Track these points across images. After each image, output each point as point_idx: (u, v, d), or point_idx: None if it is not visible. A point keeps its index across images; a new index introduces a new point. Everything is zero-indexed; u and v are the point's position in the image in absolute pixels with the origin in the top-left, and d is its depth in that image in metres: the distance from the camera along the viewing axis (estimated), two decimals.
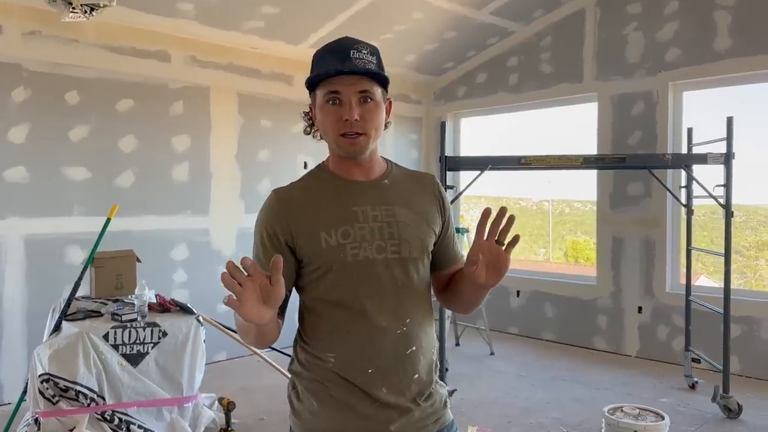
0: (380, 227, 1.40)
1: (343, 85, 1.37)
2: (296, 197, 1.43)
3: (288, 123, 5.68)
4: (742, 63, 4.84)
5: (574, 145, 6.75)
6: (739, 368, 4.83)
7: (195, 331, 3.33)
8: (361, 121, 1.37)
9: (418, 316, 1.43)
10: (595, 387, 4.65)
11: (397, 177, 1.51)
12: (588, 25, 5.76)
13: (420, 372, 1.42)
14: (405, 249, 1.40)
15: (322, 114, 1.41)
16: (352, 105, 1.36)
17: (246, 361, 5.10)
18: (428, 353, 1.46)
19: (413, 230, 1.43)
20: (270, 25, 5.05)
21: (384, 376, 1.37)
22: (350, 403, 1.37)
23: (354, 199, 1.42)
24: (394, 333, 1.39)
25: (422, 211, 1.47)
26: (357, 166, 1.45)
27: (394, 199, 1.45)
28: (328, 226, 1.38)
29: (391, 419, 1.38)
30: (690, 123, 4.95)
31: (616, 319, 5.59)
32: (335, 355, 1.38)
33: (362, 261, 1.37)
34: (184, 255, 5.05)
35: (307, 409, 1.41)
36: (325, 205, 1.41)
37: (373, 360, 1.37)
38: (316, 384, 1.40)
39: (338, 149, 1.42)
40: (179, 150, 5.02)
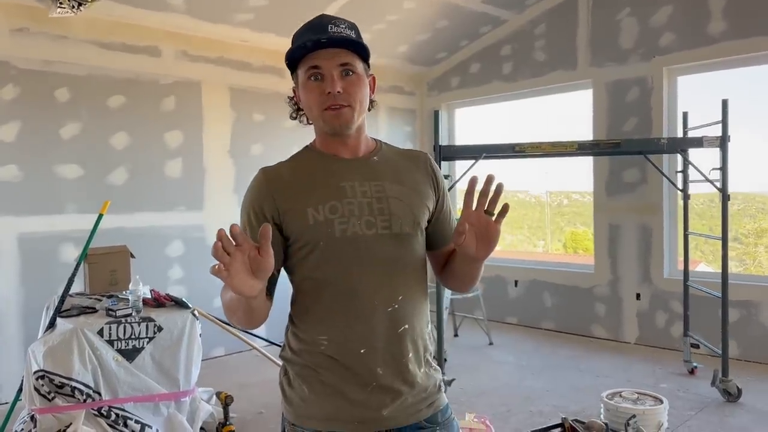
0: (369, 203, 1.37)
1: (323, 59, 1.34)
2: (284, 175, 1.41)
3: (281, 117, 5.64)
4: (736, 46, 4.82)
5: (569, 133, 6.73)
6: (738, 352, 4.82)
7: (191, 326, 3.31)
8: (344, 93, 1.34)
9: (410, 293, 1.40)
10: (594, 374, 4.64)
11: (387, 154, 1.48)
12: (581, 12, 5.72)
13: (414, 352, 1.40)
14: (396, 224, 1.37)
15: (305, 92, 1.39)
16: (334, 78, 1.34)
17: (244, 356, 5.09)
18: (422, 332, 1.43)
19: (405, 206, 1.40)
20: (260, 18, 5.01)
21: (377, 357, 1.35)
22: (342, 389, 1.35)
23: (342, 175, 1.40)
24: (385, 311, 1.36)
25: (414, 187, 1.44)
26: (343, 145, 1.42)
27: (384, 175, 1.42)
28: (315, 202, 1.35)
29: (384, 404, 1.35)
30: (685, 107, 4.93)
31: (614, 306, 5.58)
32: (327, 338, 1.36)
33: (351, 237, 1.34)
34: (180, 251, 5.02)
35: (298, 395, 1.39)
36: (312, 182, 1.39)
37: (365, 339, 1.34)
38: (308, 370, 1.38)
39: (324, 125, 1.39)
40: (172, 146, 4.98)
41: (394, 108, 6.72)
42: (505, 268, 6.35)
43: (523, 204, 9.86)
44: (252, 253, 1.14)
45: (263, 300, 1.31)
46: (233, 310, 1.32)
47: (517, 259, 6.67)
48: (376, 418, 1.35)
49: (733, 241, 5.99)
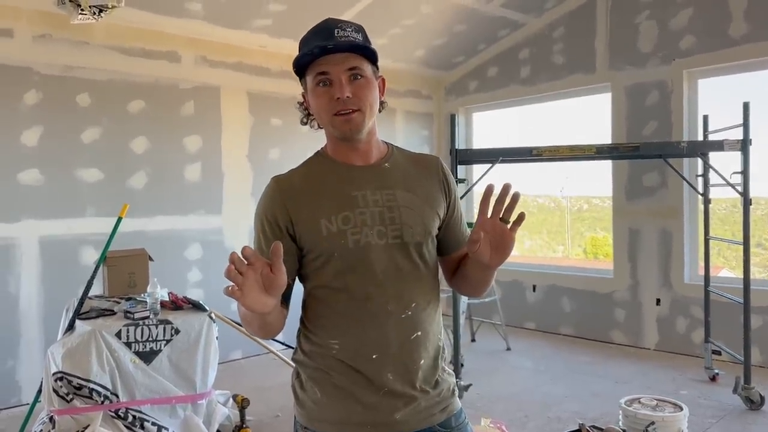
0: (381, 212, 1.37)
1: (331, 65, 1.34)
2: (296, 184, 1.41)
3: (298, 122, 5.63)
4: (758, 48, 4.75)
5: (588, 136, 6.68)
6: (761, 359, 4.73)
7: (207, 328, 3.33)
8: (353, 97, 1.34)
9: (422, 300, 1.40)
10: (614, 380, 4.58)
11: (398, 160, 1.47)
12: (600, 15, 5.68)
13: (426, 358, 1.39)
14: (407, 233, 1.37)
15: (313, 97, 1.38)
16: (342, 83, 1.33)
17: (261, 360, 5.11)
18: (434, 339, 1.43)
19: (415, 214, 1.40)
20: (278, 23, 5.05)
21: (389, 362, 1.35)
22: (354, 392, 1.35)
23: (354, 184, 1.39)
24: (398, 318, 1.36)
25: (425, 194, 1.44)
26: (354, 150, 1.42)
27: (395, 182, 1.42)
28: (328, 213, 1.35)
29: (396, 408, 1.35)
30: (706, 111, 4.86)
31: (634, 312, 5.51)
32: (339, 342, 1.36)
33: (363, 246, 1.34)
34: (198, 254, 5.06)
35: (310, 398, 1.39)
36: (324, 192, 1.38)
37: (377, 346, 1.35)
38: (320, 373, 1.38)
39: (334, 130, 1.38)
40: (191, 150, 5.03)
41: (410, 112, 6.72)
42: (523, 273, 6.31)
43: (543, 209, 9.79)
44: (264, 271, 1.15)
45: (278, 313, 1.32)
46: (248, 323, 1.33)
47: (536, 264, 6.62)
48: (389, 422, 1.35)
49: (757, 247, 5.89)
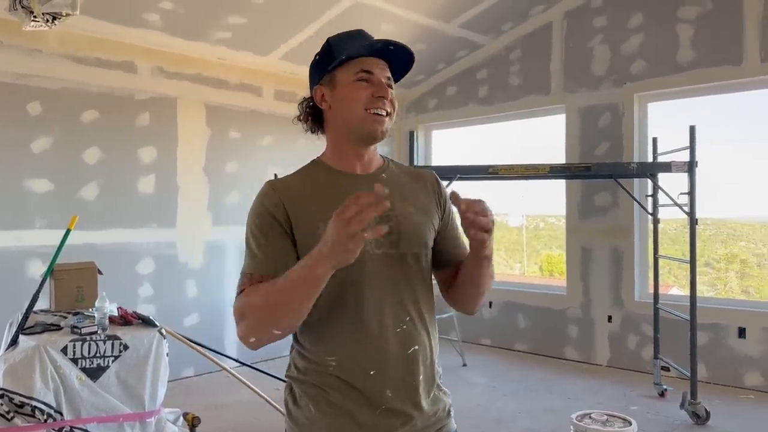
0: (378, 220, 1.32)
1: (376, 67, 1.38)
2: (293, 188, 1.38)
3: (257, 135, 5.64)
4: (704, 74, 4.95)
5: (544, 156, 6.81)
6: (707, 375, 4.87)
7: (158, 344, 3.25)
8: (389, 103, 1.38)
9: (418, 313, 1.38)
10: (566, 396, 4.64)
11: (394, 172, 1.48)
12: (555, 38, 5.84)
13: (424, 374, 1.37)
14: (404, 244, 1.36)
15: (350, 89, 1.37)
16: (384, 85, 1.37)
17: (215, 377, 5.00)
18: (430, 354, 1.40)
19: (411, 225, 1.39)
20: (238, 36, 5.03)
21: (387, 378, 1.31)
22: (350, 410, 1.31)
23: (352, 191, 1.33)
24: (393, 331, 1.33)
25: (421, 205, 1.44)
26: (358, 158, 1.42)
27: (391, 193, 1.37)
28: (325, 218, 1.29)
29: (392, 427, 1.32)
30: (656, 133, 5.03)
31: (586, 328, 5.61)
32: (336, 359, 1.32)
33: (360, 255, 1.28)
34: (150, 269, 4.95)
35: (304, 415, 1.35)
36: (322, 197, 1.36)
37: (374, 361, 1.31)
38: (315, 389, 1.34)
39: (360, 127, 1.37)
40: (145, 162, 4.94)
41: None
42: None
43: (500, 226, 9.92)
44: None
45: None
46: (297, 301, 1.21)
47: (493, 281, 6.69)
48: None
49: (705, 266, 6.08)
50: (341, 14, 4.98)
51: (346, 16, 5.02)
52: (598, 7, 5.55)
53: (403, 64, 1.44)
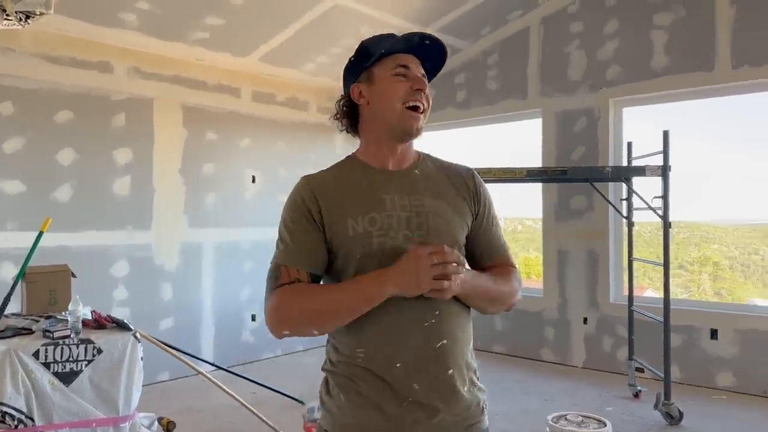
0: (408, 217, 1.37)
1: (412, 63, 1.42)
2: (327, 182, 1.42)
3: (235, 136, 5.61)
4: (678, 80, 5.03)
5: (521, 160, 6.87)
6: (681, 376, 4.95)
7: (132, 348, 3.20)
8: (425, 97, 1.41)
9: (448, 309, 1.37)
10: (543, 398, 4.68)
11: (428, 167, 1.49)
12: (532, 44, 5.90)
13: (454, 369, 1.37)
14: (434, 239, 1.36)
15: (388, 84, 1.40)
16: (421, 78, 1.41)
17: (190, 381, 4.95)
18: (463, 350, 1.41)
19: (442, 221, 1.40)
20: (216, 37, 4.99)
21: (414, 371, 1.33)
22: (377, 402, 1.33)
23: (383, 187, 1.40)
24: (421, 326, 1.34)
25: (453, 202, 1.45)
26: (392, 154, 1.44)
27: (424, 189, 1.43)
28: (355, 213, 1.36)
29: (418, 420, 1.32)
30: (631, 137, 5.11)
31: (562, 330, 5.67)
32: (364, 351, 1.35)
33: (388, 250, 1.33)
34: (125, 271, 4.89)
35: (335, 404, 1.39)
36: (353, 192, 1.39)
37: (400, 354, 1.33)
38: (345, 380, 1.37)
39: (398, 122, 1.40)
40: (121, 163, 4.88)
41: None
42: None
43: None
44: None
45: None
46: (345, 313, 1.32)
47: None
48: None
49: (679, 269, 6.18)
50: (321, 16, 4.98)
51: (326, 18, 5.02)
52: (574, 13, 5.62)
53: (435, 63, 1.48)
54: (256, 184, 5.75)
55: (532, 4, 5.74)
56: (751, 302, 5.42)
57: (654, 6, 5.15)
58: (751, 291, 5.67)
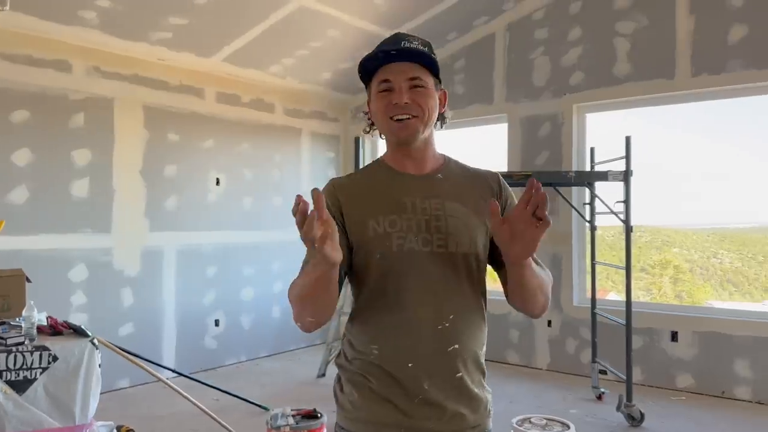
0: (428, 220, 1.40)
1: (394, 73, 1.40)
2: (351, 185, 1.47)
3: (199, 137, 5.51)
4: (639, 87, 5.13)
5: (487, 164, 6.92)
6: (642, 378, 5.03)
7: (89, 355, 3.10)
8: (412, 104, 1.39)
9: (462, 313, 1.40)
10: (508, 400, 4.71)
11: (452, 171, 1.51)
12: (498, 49, 5.95)
13: (464, 372, 1.40)
14: (452, 244, 1.39)
15: (374, 102, 1.44)
16: (402, 90, 1.39)
17: (151, 388, 4.84)
18: (475, 353, 1.43)
19: (462, 225, 1.41)
20: (179, 37, 4.90)
21: (425, 372, 1.36)
22: (389, 398, 1.37)
23: (404, 190, 1.43)
24: (434, 328, 1.37)
25: (473, 203, 1.45)
26: (410, 159, 1.47)
27: (445, 193, 1.44)
28: (376, 214, 1.40)
29: (429, 417, 1.36)
30: (594, 143, 5.19)
31: (527, 333, 5.72)
32: (378, 347, 1.38)
33: (407, 252, 1.37)
34: (83, 276, 4.75)
35: (348, 400, 1.42)
36: (375, 194, 1.43)
37: (412, 354, 1.36)
38: (358, 376, 1.41)
39: (390, 135, 1.44)
40: (79, 164, 4.74)
41: (317, 133, 6.71)
42: None
43: None
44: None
45: (335, 288, 1.30)
46: (311, 297, 1.29)
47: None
48: (421, 428, 1.36)
49: (641, 272, 6.30)
50: (286, 18, 4.93)
51: (291, 20, 4.97)
52: (539, 20, 5.69)
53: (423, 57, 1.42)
54: (220, 186, 5.66)
55: (498, 10, 5.80)
56: (710, 304, 5.56)
57: (617, 14, 5.25)
58: (709, 293, 5.81)
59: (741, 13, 4.69)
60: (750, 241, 5.78)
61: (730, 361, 4.72)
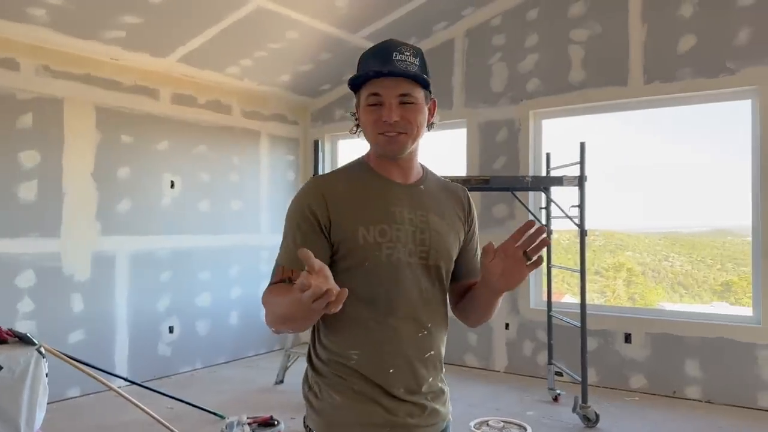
0: (414, 232, 1.43)
1: (384, 87, 1.40)
2: (338, 186, 1.44)
3: (153, 139, 5.39)
4: (593, 94, 5.24)
5: (446, 168, 6.96)
6: (597, 379, 5.13)
7: (36, 364, 2.99)
8: (401, 121, 1.40)
9: (437, 321, 1.49)
10: (467, 404, 4.73)
11: (431, 184, 1.55)
12: (457, 55, 6.00)
13: (434, 375, 1.49)
14: (433, 257, 1.45)
15: (364, 114, 1.44)
16: (392, 107, 1.39)
17: (103, 397, 4.70)
18: (441, 357, 1.52)
19: (442, 239, 1.47)
20: (133, 36, 4.78)
21: (403, 377, 1.42)
22: (374, 397, 1.40)
23: (393, 199, 1.45)
24: (416, 336, 1.44)
25: (451, 220, 1.51)
26: (396, 168, 1.48)
27: (428, 205, 1.49)
28: (366, 222, 1.40)
29: (412, 413, 1.43)
30: (550, 148, 5.27)
31: (485, 336, 5.76)
32: (358, 352, 1.41)
33: (394, 262, 1.40)
34: (31, 282, 4.58)
35: (328, 404, 1.42)
36: (365, 201, 1.43)
37: (394, 360, 1.41)
38: (338, 379, 1.42)
39: (378, 148, 1.45)
40: (27, 166, 4.58)
41: (276, 136, 6.64)
42: None
43: None
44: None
45: None
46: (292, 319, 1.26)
47: None
48: (405, 424, 1.42)
49: (595, 275, 6.41)
50: (243, 19, 4.87)
51: (249, 21, 4.91)
52: (497, 26, 5.76)
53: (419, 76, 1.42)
54: (175, 189, 5.54)
55: (457, 16, 5.84)
56: (661, 306, 5.70)
57: (572, 22, 5.35)
58: (661, 295, 5.96)
59: (690, 24, 4.84)
60: (699, 244, 5.96)
61: (681, 361, 4.85)
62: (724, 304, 5.42)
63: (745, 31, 4.64)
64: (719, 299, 5.54)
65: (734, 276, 5.53)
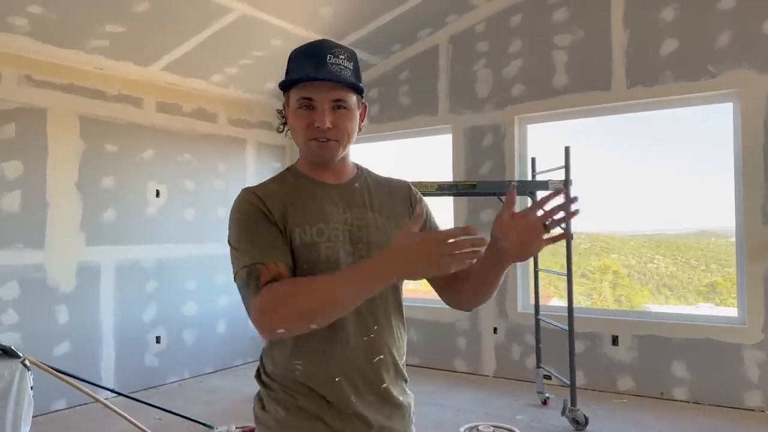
0: (350, 230, 1.40)
1: (316, 92, 1.36)
2: (270, 192, 1.40)
3: (137, 148, 5.35)
4: (576, 98, 5.29)
5: (433, 173, 6.98)
6: (585, 382, 5.15)
7: (20, 377, 2.96)
8: (333, 128, 1.36)
9: (386, 323, 1.42)
10: (456, 409, 4.73)
11: (366, 181, 1.51)
12: (442, 61, 6.03)
13: (388, 382, 1.41)
14: (373, 254, 1.38)
15: (294, 118, 1.40)
16: (325, 112, 1.35)
17: (89, 409, 4.64)
18: (397, 362, 1.45)
19: (382, 235, 1.42)
20: (116, 45, 4.76)
21: (352, 385, 1.35)
22: (319, 414, 1.34)
23: (326, 199, 1.42)
24: (360, 340, 1.37)
25: (392, 216, 1.47)
26: (328, 170, 1.45)
27: (363, 203, 1.45)
28: (303, 223, 1.36)
29: (359, 430, 1.36)
30: (535, 153, 5.30)
31: (474, 340, 5.77)
32: (302, 363, 1.35)
33: (333, 262, 1.35)
34: (15, 294, 4.52)
35: (273, 418, 1.38)
36: (298, 203, 1.39)
37: (340, 367, 1.35)
38: (284, 394, 1.37)
39: (309, 154, 1.42)
40: (10, 177, 4.53)
41: (262, 143, 6.63)
42: None
43: None
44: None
45: None
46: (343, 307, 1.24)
47: None
48: None
49: (582, 277, 6.45)
50: (228, 26, 4.86)
51: (233, 28, 4.90)
52: (481, 33, 5.79)
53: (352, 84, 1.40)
54: (160, 198, 5.51)
55: (441, 23, 5.88)
56: (647, 308, 5.75)
57: (555, 27, 5.40)
58: (647, 297, 6.00)
59: (672, 28, 4.90)
60: (684, 246, 6.01)
61: (668, 363, 4.88)
62: (710, 305, 5.48)
63: (725, 35, 4.71)
64: (704, 300, 5.59)
65: (719, 277, 5.58)
